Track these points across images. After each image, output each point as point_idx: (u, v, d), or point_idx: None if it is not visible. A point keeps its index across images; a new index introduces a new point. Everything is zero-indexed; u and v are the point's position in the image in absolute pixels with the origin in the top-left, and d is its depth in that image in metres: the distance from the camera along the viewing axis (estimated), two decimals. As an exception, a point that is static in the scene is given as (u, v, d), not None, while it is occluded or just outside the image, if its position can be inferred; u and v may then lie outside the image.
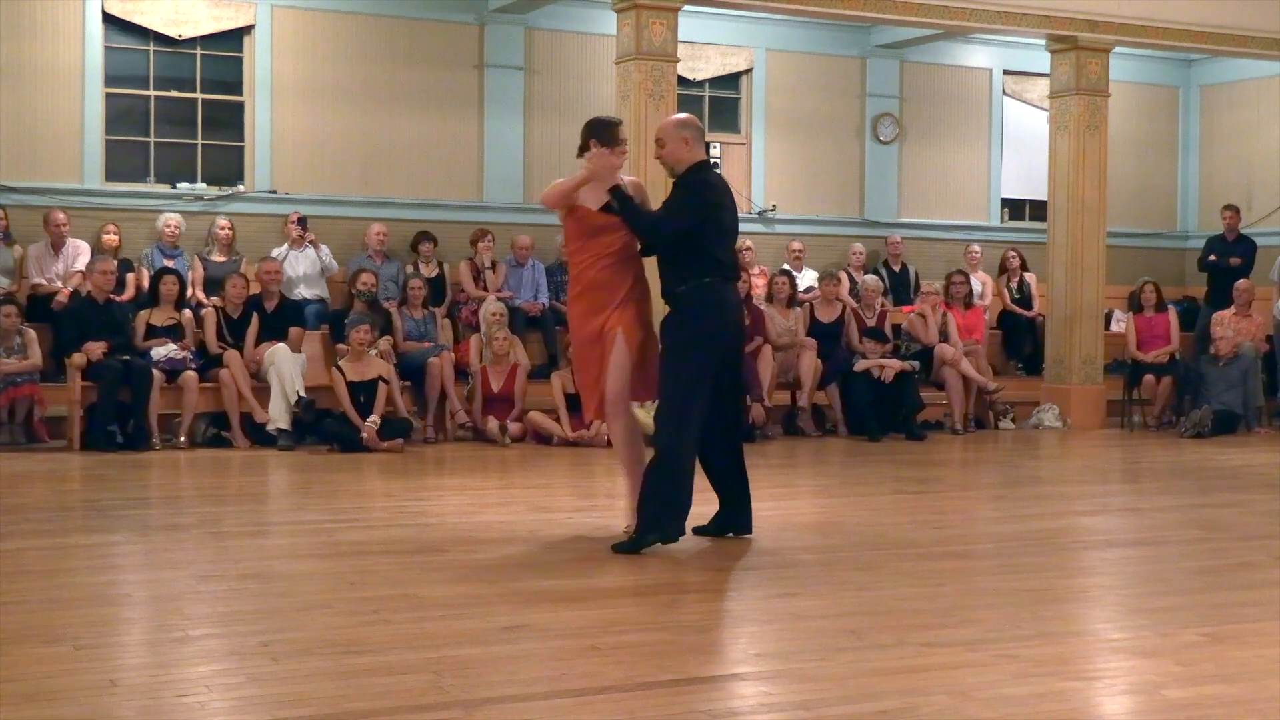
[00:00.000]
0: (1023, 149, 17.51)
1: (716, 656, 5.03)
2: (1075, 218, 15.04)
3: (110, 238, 13.24)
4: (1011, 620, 5.46)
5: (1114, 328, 16.34)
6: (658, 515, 6.85)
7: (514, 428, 12.34)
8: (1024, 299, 16.20)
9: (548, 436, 12.37)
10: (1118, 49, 15.34)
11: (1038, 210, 17.18)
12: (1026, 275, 16.24)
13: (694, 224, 6.96)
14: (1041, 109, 16.71)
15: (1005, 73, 17.59)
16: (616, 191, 7.02)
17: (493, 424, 12.28)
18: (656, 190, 9.55)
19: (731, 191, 7.30)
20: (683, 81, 14.61)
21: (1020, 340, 16.07)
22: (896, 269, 16.28)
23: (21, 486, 9.56)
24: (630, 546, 6.84)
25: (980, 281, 16.09)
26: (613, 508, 9.16)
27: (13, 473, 10.15)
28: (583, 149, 7.12)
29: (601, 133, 7.09)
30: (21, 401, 11.70)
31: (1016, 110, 17.73)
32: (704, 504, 7.26)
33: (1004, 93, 17.66)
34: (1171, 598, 6.07)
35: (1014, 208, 17.87)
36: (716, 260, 7.02)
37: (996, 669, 4.69)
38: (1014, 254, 16.28)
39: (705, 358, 6.97)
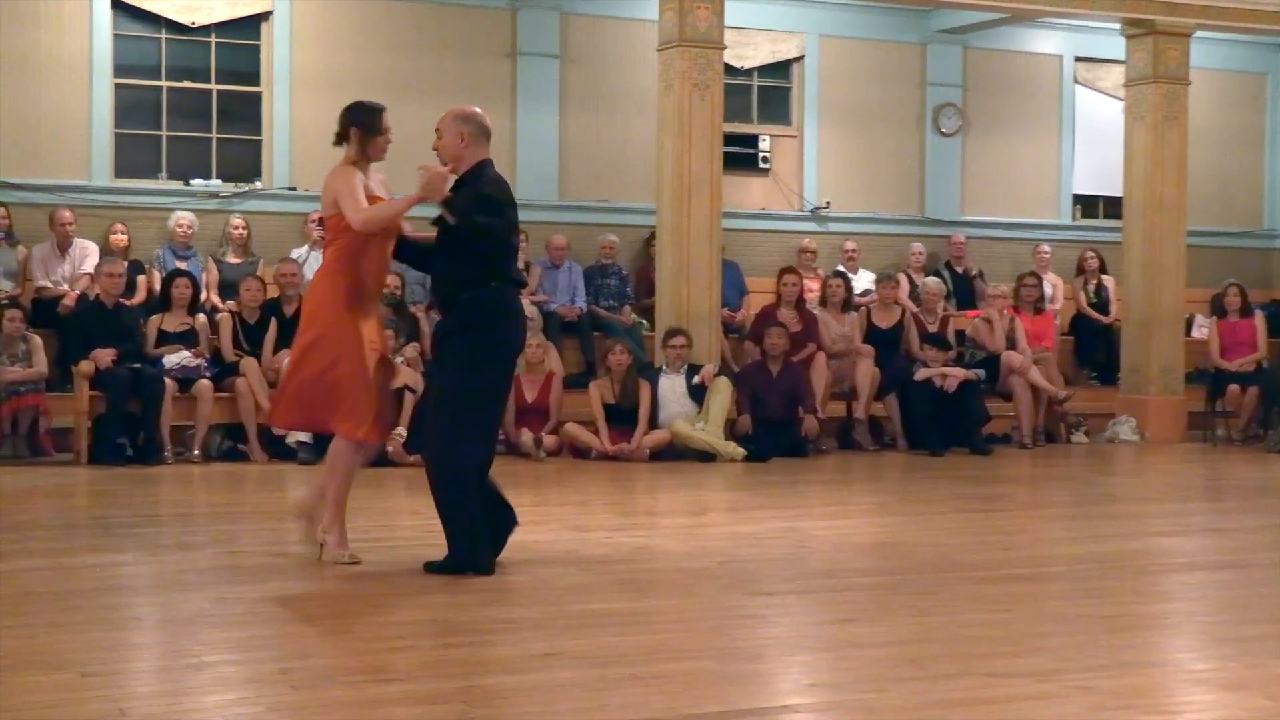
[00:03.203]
0: (1096, 141, 17.42)
1: (767, 687, 5.02)
2: (1153, 215, 14.96)
3: (118, 238, 13.31)
4: (1085, 649, 5.43)
5: (1195, 334, 16.23)
6: (471, 551, 6.76)
7: (549, 441, 12.36)
8: (1101, 303, 16.13)
9: (585, 450, 12.38)
10: (1199, 33, 15.25)
11: (1112, 207, 17.08)
12: (1105, 278, 16.17)
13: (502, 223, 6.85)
14: (1116, 98, 16.63)
15: (1077, 59, 17.51)
16: (450, 204, 6.83)
17: (526, 437, 12.29)
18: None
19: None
20: (729, 70, 14.61)
21: (1094, 347, 16.00)
22: (960, 271, 16.23)
23: (25, 503, 9.63)
24: (446, 568, 6.76)
25: (1051, 284, 16.02)
26: (655, 526, 9.18)
27: (16, 488, 10.22)
28: (341, 137, 7.06)
29: (364, 118, 7.07)
30: (26, 412, 11.78)
31: (1089, 100, 17.64)
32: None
33: (1075, 81, 17.58)
34: (1259, 625, 6.02)
35: (1086, 205, 17.78)
36: (504, 265, 6.94)
37: (1069, 701, 4.66)
38: (1092, 255, 16.23)
39: (499, 372, 6.95)
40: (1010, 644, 5.51)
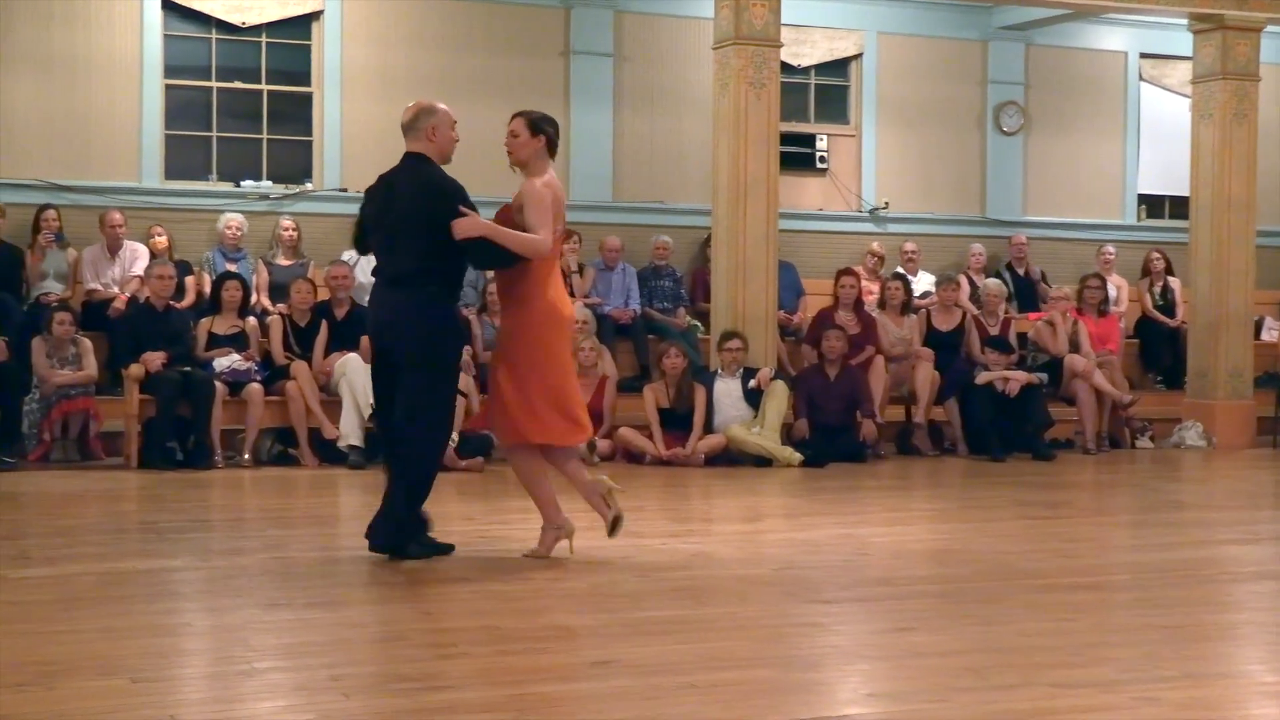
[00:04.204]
0: (1162, 140, 17.31)
1: (825, 696, 5.01)
2: (1220, 215, 14.84)
3: (158, 240, 13.35)
4: (1151, 660, 5.40)
5: (1264, 336, 16.11)
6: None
7: (603, 445, 12.36)
8: (1167, 306, 16.01)
9: (639, 455, 12.38)
10: (1269, 28, 15.12)
11: (1178, 207, 16.98)
12: (1171, 280, 16.06)
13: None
14: (1183, 95, 16.52)
15: (1142, 56, 17.40)
16: None
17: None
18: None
19: (389, 182, 7.60)
20: (786, 68, 14.58)
21: (1159, 351, 15.88)
22: (1021, 272, 16.15)
23: (75, 507, 9.71)
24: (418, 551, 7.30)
25: (1115, 286, 15.92)
26: (710, 532, 9.18)
27: (66, 492, 10.31)
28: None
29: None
30: (76, 416, 11.89)
31: (1155, 97, 17.54)
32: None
33: (1141, 78, 17.47)
34: (1331, 636, 5.98)
35: (1152, 205, 17.68)
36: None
37: (1134, 713, 4.63)
38: (1158, 255, 16.12)
39: (375, 364, 7.60)
40: (1074, 654, 5.47)
